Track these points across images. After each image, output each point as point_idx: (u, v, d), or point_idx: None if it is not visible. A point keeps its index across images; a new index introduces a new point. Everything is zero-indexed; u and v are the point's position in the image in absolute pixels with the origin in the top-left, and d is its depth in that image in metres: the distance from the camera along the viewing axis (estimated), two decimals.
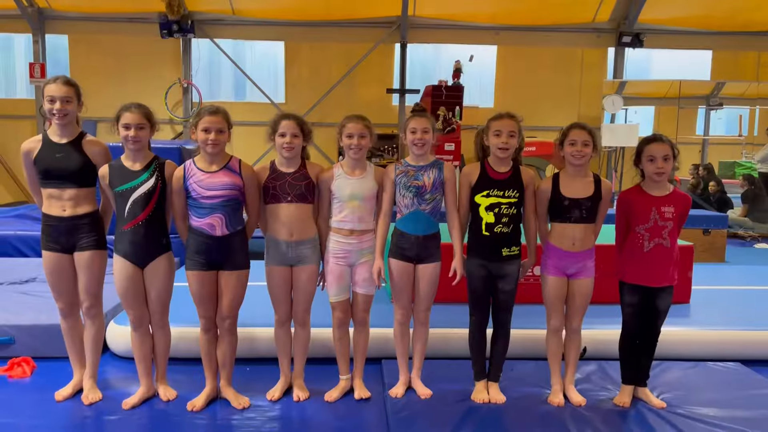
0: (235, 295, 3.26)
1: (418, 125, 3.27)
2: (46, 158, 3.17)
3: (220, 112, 3.20)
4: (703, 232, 7.44)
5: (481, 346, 3.41)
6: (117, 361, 3.95)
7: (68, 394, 3.38)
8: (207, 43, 11.67)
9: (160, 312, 3.32)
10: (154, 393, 3.41)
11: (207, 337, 3.33)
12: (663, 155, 3.15)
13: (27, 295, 4.49)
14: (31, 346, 3.89)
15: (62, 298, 3.32)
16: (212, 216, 3.15)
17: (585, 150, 3.18)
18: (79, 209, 3.20)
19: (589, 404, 3.32)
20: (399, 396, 3.38)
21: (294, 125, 3.23)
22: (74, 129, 3.26)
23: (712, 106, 13.17)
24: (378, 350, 3.79)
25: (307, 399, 3.41)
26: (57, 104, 3.14)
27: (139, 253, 3.18)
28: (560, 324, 3.35)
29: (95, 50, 11.42)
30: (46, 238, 3.23)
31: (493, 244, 3.24)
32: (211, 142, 3.13)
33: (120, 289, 3.23)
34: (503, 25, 11.63)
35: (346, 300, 3.40)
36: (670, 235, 3.18)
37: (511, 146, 3.20)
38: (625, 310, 3.33)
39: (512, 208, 3.22)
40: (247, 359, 3.84)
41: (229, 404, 3.32)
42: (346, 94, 11.63)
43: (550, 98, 11.78)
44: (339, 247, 3.32)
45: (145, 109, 3.21)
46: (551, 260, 3.29)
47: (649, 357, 3.39)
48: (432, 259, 3.33)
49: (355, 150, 3.26)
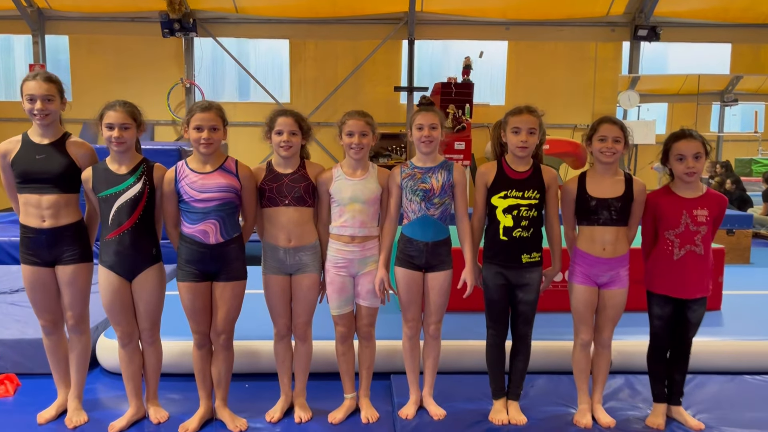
0: (231, 307, 3.01)
1: (425, 121, 2.99)
2: (25, 160, 2.92)
3: (213, 107, 2.93)
4: (727, 232, 7.13)
5: (500, 361, 3.14)
6: (107, 378, 3.71)
7: (51, 416, 3.13)
8: (210, 42, 11.50)
9: (149, 328, 3.06)
10: (144, 414, 3.16)
11: (201, 354, 3.08)
12: (694, 153, 2.86)
13: (15, 306, 4.28)
14: (16, 362, 3.67)
15: (45, 315, 3.07)
16: (205, 222, 2.89)
17: (616, 146, 2.90)
18: (60, 219, 2.94)
19: (618, 425, 3.05)
20: (409, 417, 3.11)
21: (292, 122, 2.97)
22: (57, 129, 3.01)
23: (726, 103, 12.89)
24: (386, 364, 3.58)
25: (309, 420, 3.16)
26: (38, 103, 2.90)
27: (126, 264, 2.92)
28: (590, 338, 3.07)
29: (96, 50, 11.27)
30: (25, 250, 2.98)
31: (511, 250, 2.97)
32: (204, 141, 2.87)
33: (106, 303, 2.98)
34: (514, 20, 11.43)
35: (350, 313, 3.14)
36: (703, 241, 2.90)
37: (531, 144, 2.93)
38: (654, 322, 3.06)
39: (532, 210, 2.94)
40: (246, 375, 3.61)
41: (225, 427, 3.07)
42: (353, 93, 11.44)
43: (563, 95, 11.53)
44: (339, 255, 3.04)
45: (130, 107, 2.95)
46: (580, 267, 3.00)
47: (683, 373, 3.10)
48: (443, 266, 3.05)
49: (356, 149, 2.99)
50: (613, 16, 11.47)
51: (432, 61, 12.04)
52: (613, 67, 11.82)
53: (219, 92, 11.93)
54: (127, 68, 11.24)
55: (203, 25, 11.20)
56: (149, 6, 10.68)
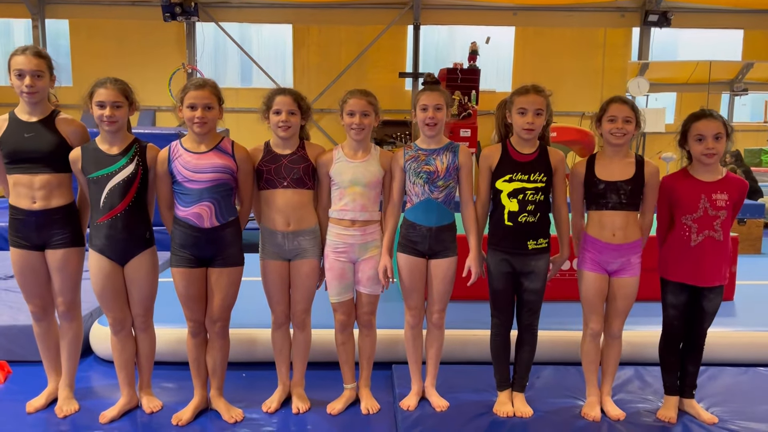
0: (227, 295, 2.91)
1: (430, 101, 2.87)
2: (14, 139, 2.82)
3: (208, 85, 2.84)
4: (738, 221, 7.00)
5: (505, 351, 3.03)
6: (101, 366, 3.63)
7: (41, 405, 3.05)
8: (212, 27, 11.42)
9: (143, 314, 2.97)
10: (136, 404, 3.07)
11: (195, 342, 2.99)
12: (714, 133, 2.74)
13: (8, 292, 4.20)
14: (7, 349, 3.59)
15: (34, 300, 2.98)
16: (200, 204, 2.79)
17: (627, 127, 2.78)
18: (52, 201, 2.84)
19: (628, 418, 2.94)
20: (411, 408, 3.01)
21: (290, 101, 2.86)
22: (46, 107, 2.91)
23: (736, 92, 12.70)
24: (387, 353, 3.50)
25: (307, 411, 3.07)
26: (27, 79, 2.79)
27: (118, 248, 2.83)
28: (599, 328, 2.95)
29: (97, 35, 11.21)
30: (14, 233, 2.88)
31: (517, 236, 2.85)
32: (198, 120, 2.78)
33: (97, 289, 2.89)
34: (521, 4, 11.32)
35: (350, 300, 3.03)
36: (722, 226, 2.79)
37: (537, 126, 2.81)
38: (668, 311, 2.95)
39: (539, 194, 2.83)
40: (242, 363, 3.53)
41: (220, 417, 2.98)
42: (357, 79, 11.36)
43: (571, 81, 11.39)
44: (339, 240, 2.93)
45: (122, 84, 2.85)
46: (589, 253, 2.89)
47: (696, 364, 2.99)
48: (447, 253, 2.94)
49: (356, 130, 2.88)
50: (623, 1, 11.31)
51: (438, 47, 11.91)
52: (622, 54, 11.68)
53: (221, 78, 11.88)
54: (128, 53, 11.17)
55: (205, 9, 11.11)
56: None
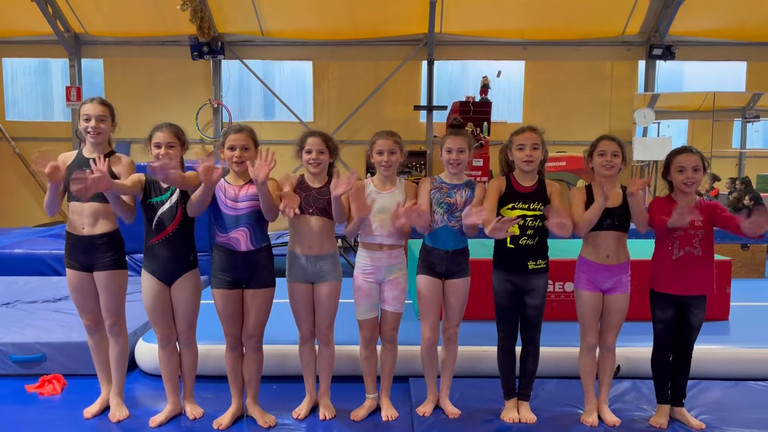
0: (260, 313, 3.26)
1: (454, 145, 3.27)
2: (75, 171, 3.22)
3: (245, 130, 3.24)
4: (742, 246, 7.21)
5: (510, 362, 3.34)
6: (146, 378, 3.98)
7: (96, 411, 3.41)
8: (237, 64, 11.86)
9: (186, 330, 3.33)
10: (181, 411, 3.41)
11: (233, 355, 3.33)
12: (693, 165, 3.11)
13: (59, 313, 4.56)
14: (62, 364, 3.95)
15: (86, 315, 3.37)
16: (237, 230, 3.17)
17: (614, 160, 3.15)
18: (97, 228, 3.24)
19: (623, 425, 3.22)
20: (427, 414, 3.32)
21: (320, 142, 3.26)
22: (105, 147, 3.34)
23: (748, 119, 12.85)
24: (405, 369, 3.75)
25: (333, 418, 3.38)
26: (92, 122, 3.24)
27: (167, 269, 3.21)
28: (595, 341, 3.28)
29: (129, 73, 11.68)
30: (68, 255, 3.30)
31: (518, 257, 3.21)
32: (236, 159, 3.19)
33: (148, 307, 3.27)
34: (531, 40, 11.57)
35: (374, 318, 3.37)
36: (701, 243, 3.12)
37: (535, 158, 3.20)
38: (657, 326, 3.26)
39: (537, 220, 3.20)
40: (274, 377, 3.83)
41: (255, 422, 3.31)
42: (374, 112, 11.66)
43: (580, 112, 11.63)
44: (368, 262, 3.31)
45: (175, 128, 3.28)
46: (585, 274, 3.24)
47: (685, 375, 3.28)
48: (462, 273, 3.30)
49: (385, 166, 3.28)
50: (628, 35, 11.58)
51: (451, 81, 12.22)
52: (629, 86, 11.88)
53: (245, 112, 12.23)
54: (158, 89, 11.62)
55: (231, 47, 11.57)
56: (180, 30, 11.06)
